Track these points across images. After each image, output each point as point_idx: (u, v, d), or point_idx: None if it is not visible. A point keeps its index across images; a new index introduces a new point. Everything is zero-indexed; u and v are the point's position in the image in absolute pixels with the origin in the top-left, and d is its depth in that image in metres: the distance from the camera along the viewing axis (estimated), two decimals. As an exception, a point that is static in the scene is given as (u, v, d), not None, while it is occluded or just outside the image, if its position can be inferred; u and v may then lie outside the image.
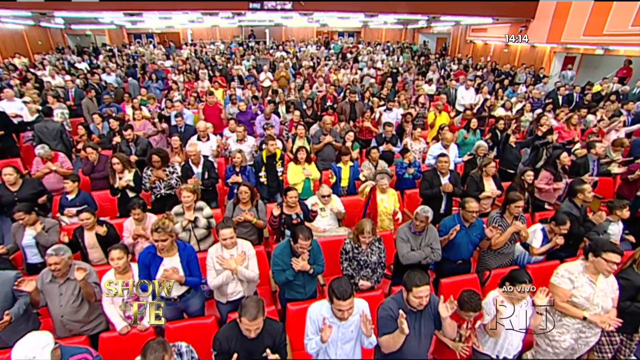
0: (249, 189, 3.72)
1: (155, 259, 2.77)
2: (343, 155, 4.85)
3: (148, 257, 2.76)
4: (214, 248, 3.01)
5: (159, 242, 2.66)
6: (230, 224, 2.89)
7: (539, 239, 3.45)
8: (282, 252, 3.00)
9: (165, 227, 2.65)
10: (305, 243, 2.83)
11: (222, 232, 2.86)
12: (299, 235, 2.83)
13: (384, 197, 4.23)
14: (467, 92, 8.90)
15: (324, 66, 12.10)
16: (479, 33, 16.37)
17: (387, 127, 5.77)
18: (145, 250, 2.79)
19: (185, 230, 3.62)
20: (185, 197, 3.56)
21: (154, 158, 4.19)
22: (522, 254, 3.71)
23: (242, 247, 3.01)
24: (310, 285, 3.17)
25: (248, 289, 3.08)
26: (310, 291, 3.17)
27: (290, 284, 3.06)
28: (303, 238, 2.82)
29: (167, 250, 2.78)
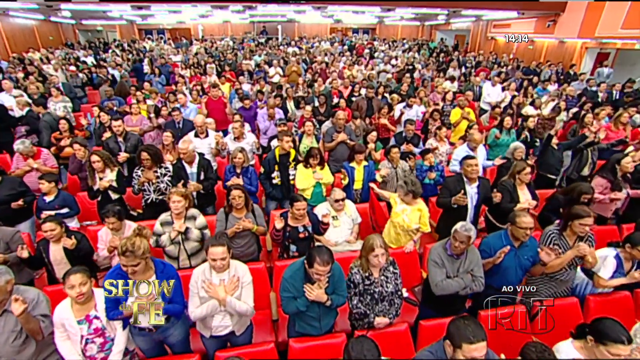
0: (242, 192, 3.14)
1: (125, 283, 2.19)
2: (356, 154, 4.23)
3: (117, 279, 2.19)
4: (200, 269, 2.42)
5: (129, 268, 2.09)
6: (223, 241, 2.30)
7: (610, 268, 2.74)
8: (294, 275, 2.40)
9: (135, 249, 2.08)
10: (323, 269, 2.23)
11: (212, 250, 2.28)
12: (315, 259, 2.23)
13: (406, 207, 3.57)
14: (494, 88, 8.16)
15: (338, 62, 11.51)
16: (501, 29, 15.51)
17: (409, 125, 5.11)
18: (112, 272, 2.22)
19: (174, 242, 3.05)
20: (175, 203, 2.99)
21: (143, 156, 3.64)
22: (583, 282, 3.02)
23: (236, 271, 2.42)
24: (328, 318, 2.55)
25: (239, 323, 2.48)
26: (327, 325, 2.56)
27: (302, 315, 2.46)
28: (320, 263, 2.22)
29: (140, 273, 2.20)
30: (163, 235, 3.03)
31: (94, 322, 2.18)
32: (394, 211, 3.63)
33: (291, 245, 3.21)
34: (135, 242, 2.08)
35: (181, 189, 3.07)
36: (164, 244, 3.03)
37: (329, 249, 2.33)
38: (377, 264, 2.46)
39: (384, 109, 5.79)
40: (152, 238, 3.04)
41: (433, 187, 4.56)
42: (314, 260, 2.23)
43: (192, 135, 4.63)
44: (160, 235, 3.05)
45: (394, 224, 3.54)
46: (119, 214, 3.02)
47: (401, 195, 3.56)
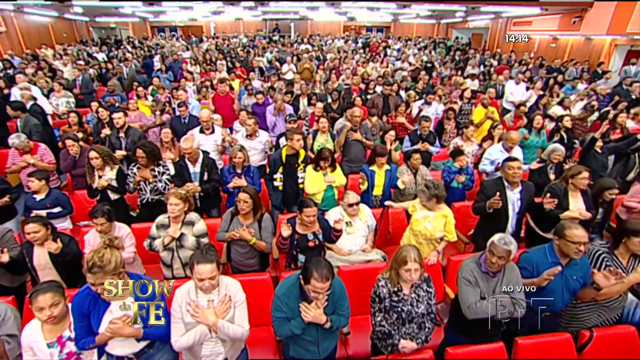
0: (250, 197, 2.79)
1: (97, 304, 1.88)
2: (378, 157, 3.84)
3: (87, 301, 1.87)
4: (183, 289, 2.03)
5: (97, 287, 1.77)
6: (212, 257, 1.93)
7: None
8: (288, 292, 2.06)
9: (104, 264, 1.75)
10: (321, 286, 1.88)
11: (198, 268, 1.90)
12: (312, 274, 1.88)
13: (428, 214, 3.19)
14: (518, 87, 7.68)
15: (352, 59, 11.15)
16: (522, 27, 14.90)
17: (424, 122, 4.70)
18: (82, 291, 1.90)
19: (168, 249, 2.73)
20: (172, 206, 2.68)
21: (138, 153, 3.35)
22: (634, 303, 2.59)
23: (227, 289, 2.05)
24: (327, 342, 2.20)
25: (232, 348, 2.12)
26: (326, 351, 2.20)
27: (297, 339, 2.11)
28: (318, 278, 1.87)
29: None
30: (157, 239, 2.72)
31: (67, 344, 1.87)
32: (413, 218, 3.25)
33: (299, 255, 2.86)
34: (104, 256, 1.76)
35: (180, 191, 2.75)
36: (157, 249, 2.73)
37: (329, 262, 1.98)
38: (408, 280, 2.10)
39: (401, 106, 5.39)
40: (146, 241, 2.76)
41: (461, 191, 4.16)
42: (311, 276, 1.88)
43: (197, 131, 4.33)
44: (155, 238, 2.74)
45: (415, 232, 3.16)
46: (109, 214, 2.72)
47: (423, 201, 3.17)
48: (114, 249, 1.88)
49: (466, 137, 4.78)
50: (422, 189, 3.06)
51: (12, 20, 13.41)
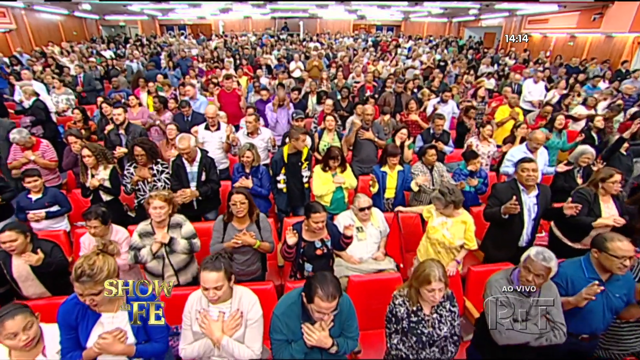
0: (245, 198, 2.57)
1: (86, 315, 1.68)
2: (390, 157, 3.58)
3: (75, 312, 1.67)
4: (196, 295, 1.90)
5: (86, 298, 1.56)
6: (220, 265, 1.75)
7: None
8: (289, 311, 1.82)
9: (94, 273, 1.55)
10: (327, 306, 1.65)
11: (203, 275, 1.75)
12: (316, 292, 1.65)
13: (445, 220, 2.93)
14: (536, 86, 7.34)
15: (362, 57, 10.90)
16: (537, 25, 14.45)
17: (438, 120, 4.42)
18: (70, 300, 1.70)
19: (157, 257, 2.52)
20: (157, 210, 2.46)
21: (137, 151, 3.15)
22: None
23: (241, 303, 1.86)
24: None
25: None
26: None
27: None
28: (324, 297, 1.64)
29: (106, 304, 1.67)
30: (143, 249, 2.50)
31: (43, 372, 1.66)
32: (430, 226, 2.98)
33: (306, 264, 2.62)
34: (95, 263, 1.56)
35: (164, 192, 2.52)
36: (144, 260, 2.50)
37: (335, 278, 1.74)
38: (431, 301, 1.85)
39: (412, 103, 5.12)
40: (130, 253, 2.53)
41: (474, 195, 3.89)
42: (315, 294, 1.65)
43: (202, 127, 4.12)
44: (140, 249, 2.52)
45: (432, 241, 2.90)
46: (104, 216, 2.51)
47: (439, 209, 2.91)
48: (107, 256, 1.68)
49: (483, 137, 4.50)
50: (437, 196, 2.79)
51: (22, 18, 13.47)
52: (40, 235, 3.12)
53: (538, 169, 3.02)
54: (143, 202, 3.20)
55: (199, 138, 4.03)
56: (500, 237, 3.06)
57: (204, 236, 3.22)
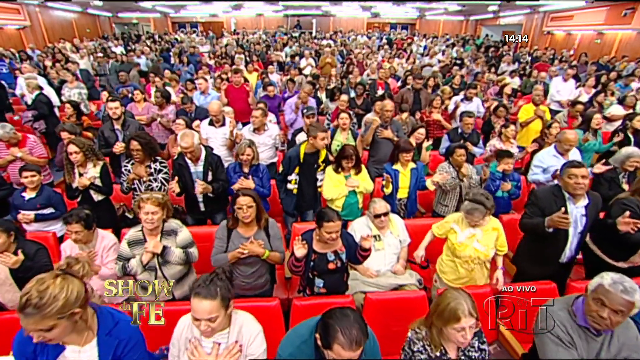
0: (253, 201, 2.24)
1: (46, 349, 1.36)
2: (402, 153, 3.22)
3: (33, 344, 1.35)
4: (187, 320, 1.60)
5: (34, 333, 1.24)
6: (215, 291, 1.42)
7: None
8: (298, 352, 1.46)
9: (44, 303, 1.20)
10: (349, 355, 1.27)
11: (195, 304, 1.42)
12: (335, 337, 1.28)
13: (474, 232, 2.53)
14: (565, 84, 6.85)
15: (376, 54, 10.53)
16: (560, 22, 13.82)
17: (467, 118, 4.02)
18: (18, 336, 1.39)
19: (149, 269, 2.21)
20: (149, 215, 2.14)
21: (133, 145, 2.85)
22: None
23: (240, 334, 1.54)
24: None
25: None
26: None
27: None
28: (346, 345, 1.26)
29: (64, 338, 1.35)
30: (132, 259, 2.19)
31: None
32: (455, 243, 2.55)
33: (317, 279, 2.28)
34: (47, 290, 1.21)
35: (157, 195, 2.20)
36: (133, 271, 2.20)
37: (360, 318, 1.35)
38: (460, 342, 1.47)
39: (436, 100, 4.72)
40: (118, 264, 2.23)
41: (506, 201, 3.48)
42: (334, 340, 1.28)
43: (206, 123, 3.82)
44: (129, 259, 2.22)
45: (464, 259, 2.51)
46: (87, 220, 2.22)
47: (477, 220, 2.46)
48: (69, 279, 1.31)
49: (505, 138, 4.07)
50: (474, 206, 2.37)
51: (37, 16, 13.53)
52: (29, 235, 2.89)
53: (588, 175, 2.61)
54: (135, 204, 2.92)
55: (202, 134, 3.73)
56: (538, 252, 2.65)
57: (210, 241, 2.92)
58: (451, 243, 2.57)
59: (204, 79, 5.49)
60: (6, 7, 12.10)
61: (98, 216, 3.13)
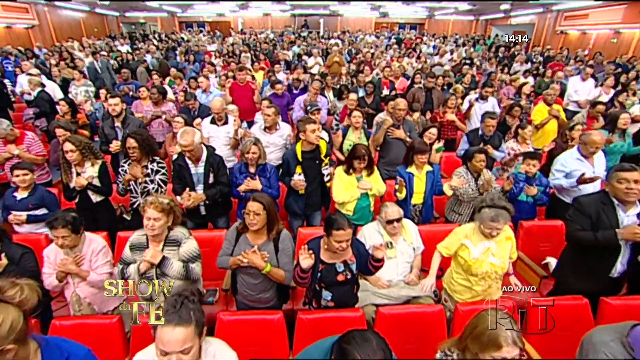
0: (263, 208, 2.03)
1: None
2: (417, 154, 2.99)
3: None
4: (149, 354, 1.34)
5: None
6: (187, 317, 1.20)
7: None
8: None
9: None
10: None
11: (163, 334, 1.20)
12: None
13: (488, 245, 2.27)
14: (584, 84, 6.57)
15: (385, 53, 10.33)
16: (574, 21, 13.47)
17: (489, 119, 3.78)
18: None
19: (146, 278, 2.03)
20: (150, 222, 1.97)
21: (129, 143, 2.68)
22: None
23: None
24: None
25: None
26: None
27: None
28: None
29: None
30: (131, 265, 2.02)
31: None
32: (469, 259, 2.27)
33: (324, 291, 2.08)
34: None
35: (163, 200, 2.01)
36: (131, 278, 2.03)
37: (383, 344, 1.12)
38: None
39: (451, 100, 4.49)
40: (118, 267, 2.07)
41: (531, 207, 3.23)
42: None
43: (207, 121, 3.64)
44: (129, 263, 2.05)
45: (480, 276, 2.27)
46: (74, 223, 2.03)
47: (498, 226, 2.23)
48: (3, 306, 1.07)
49: (522, 139, 3.83)
50: (498, 212, 2.10)
51: (45, 15, 13.57)
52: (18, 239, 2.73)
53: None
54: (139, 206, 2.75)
55: (204, 133, 3.55)
56: (586, 265, 2.39)
57: (210, 247, 2.74)
58: (463, 261, 2.30)
59: (205, 77, 5.33)
60: (15, 6, 12.15)
61: (96, 218, 3.02)
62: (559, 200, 3.30)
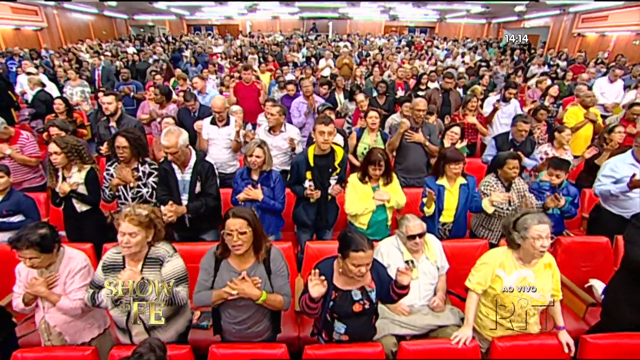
0: (248, 225, 1.65)
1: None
2: (449, 163, 2.59)
3: None
4: None
5: None
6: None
7: None
8: None
9: None
10: None
11: None
12: None
13: (525, 274, 1.87)
14: (612, 86, 6.15)
15: (396, 55, 10.02)
16: (592, 23, 13.03)
17: (522, 122, 3.37)
18: None
19: (121, 303, 1.70)
20: (125, 237, 1.65)
21: (119, 142, 2.37)
22: None
23: None
24: None
25: None
26: None
27: None
28: None
29: None
30: (104, 289, 1.69)
31: None
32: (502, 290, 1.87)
33: (337, 323, 1.73)
34: None
35: (140, 211, 1.69)
36: (103, 304, 1.71)
37: None
38: None
39: (472, 102, 4.13)
40: (89, 291, 1.75)
41: (558, 220, 2.84)
42: None
43: (207, 121, 3.33)
44: (101, 287, 1.72)
45: (516, 312, 1.89)
46: (42, 243, 1.70)
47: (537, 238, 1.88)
48: None
49: (559, 144, 3.46)
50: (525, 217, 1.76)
51: (54, 17, 13.60)
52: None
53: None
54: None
55: (203, 134, 3.24)
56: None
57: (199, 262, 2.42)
58: (494, 293, 1.91)
59: (201, 78, 5.02)
60: (24, 8, 12.17)
61: (81, 228, 2.72)
62: (603, 212, 2.92)
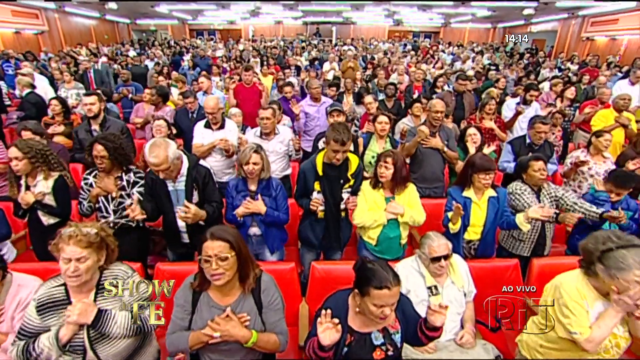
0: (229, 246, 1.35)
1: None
2: (479, 173, 2.23)
3: None
4: None
5: None
6: None
7: None
8: None
9: None
10: None
11: None
12: None
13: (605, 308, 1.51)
14: (633, 88, 5.85)
15: (402, 58, 9.78)
16: (603, 26, 12.76)
17: (540, 124, 3.07)
18: None
19: (72, 351, 1.34)
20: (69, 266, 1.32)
21: (96, 150, 2.05)
22: None
23: None
24: None
25: None
26: None
27: None
28: None
29: None
30: (42, 335, 1.33)
31: None
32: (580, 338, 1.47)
33: (353, 373, 1.40)
34: None
35: (85, 231, 1.35)
36: (43, 356, 1.32)
37: None
38: None
39: (490, 105, 3.82)
40: (15, 347, 1.35)
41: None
42: None
43: (201, 125, 3.02)
44: (38, 334, 1.36)
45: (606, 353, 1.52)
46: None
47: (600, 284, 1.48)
48: None
49: (596, 150, 3.13)
50: (623, 253, 1.42)
51: (55, 21, 13.48)
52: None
53: None
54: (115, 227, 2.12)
55: (196, 139, 2.93)
56: None
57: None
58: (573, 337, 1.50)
59: (207, 77, 4.76)
60: (25, 11, 12.05)
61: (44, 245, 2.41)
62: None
